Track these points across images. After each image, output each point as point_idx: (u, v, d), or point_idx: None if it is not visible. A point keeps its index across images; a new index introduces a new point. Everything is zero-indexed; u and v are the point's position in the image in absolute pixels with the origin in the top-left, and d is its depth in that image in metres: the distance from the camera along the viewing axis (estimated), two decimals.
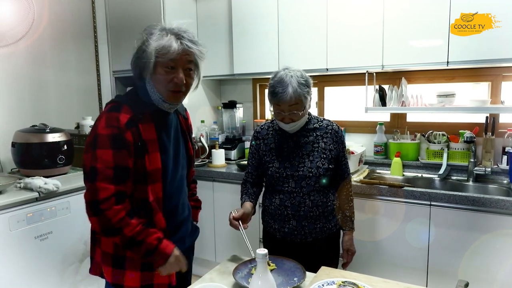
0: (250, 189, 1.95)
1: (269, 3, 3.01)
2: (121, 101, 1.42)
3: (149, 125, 1.42)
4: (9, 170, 2.81)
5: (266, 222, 1.95)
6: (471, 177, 2.65)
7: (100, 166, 1.30)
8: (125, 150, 1.34)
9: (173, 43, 1.36)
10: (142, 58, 1.38)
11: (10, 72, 2.90)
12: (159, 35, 1.37)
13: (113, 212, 1.30)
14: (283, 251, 1.80)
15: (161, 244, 1.38)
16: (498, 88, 2.70)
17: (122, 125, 1.33)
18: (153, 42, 1.35)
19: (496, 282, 2.17)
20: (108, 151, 1.31)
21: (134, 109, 1.39)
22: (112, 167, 1.31)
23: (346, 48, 2.75)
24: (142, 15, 3.27)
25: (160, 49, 1.35)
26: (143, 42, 1.38)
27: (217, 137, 3.53)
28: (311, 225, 1.83)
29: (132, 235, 1.33)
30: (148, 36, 1.37)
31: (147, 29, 1.41)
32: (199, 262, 3.18)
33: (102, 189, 1.30)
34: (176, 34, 1.38)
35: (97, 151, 1.32)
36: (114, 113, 1.36)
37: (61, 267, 2.44)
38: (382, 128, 3.03)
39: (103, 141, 1.32)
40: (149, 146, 1.40)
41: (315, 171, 1.80)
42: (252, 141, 1.98)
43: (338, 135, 1.88)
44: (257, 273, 1.17)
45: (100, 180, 1.30)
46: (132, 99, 1.44)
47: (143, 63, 1.38)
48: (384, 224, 2.45)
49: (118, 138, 1.33)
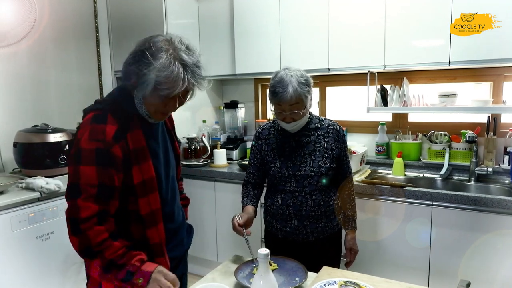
0: (251, 191, 1.95)
1: (270, 3, 3.00)
2: (104, 109, 1.30)
3: (137, 132, 1.33)
4: (11, 170, 2.81)
5: (268, 222, 1.95)
6: (473, 177, 2.64)
7: (82, 183, 1.21)
8: (111, 168, 1.25)
9: (179, 82, 1.23)
10: (139, 77, 1.24)
11: (12, 72, 2.90)
12: (166, 60, 1.22)
13: (94, 233, 1.22)
14: (285, 251, 1.80)
15: (143, 265, 1.27)
16: (500, 88, 2.70)
17: (110, 139, 1.24)
18: (157, 70, 1.21)
19: (498, 282, 2.16)
20: (91, 168, 1.22)
21: (120, 118, 1.29)
22: (96, 185, 1.22)
23: (348, 48, 2.74)
24: (143, 15, 3.27)
25: (164, 81, 1.23)
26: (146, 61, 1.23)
27: (219, 137, 3.53)
28: (313, 225, 1.83)
29: (113, 258, 1.24)
30: (153, 57, 1.22)
31: (152, 43, 1.25)
32: (201, 262, 3.18)
33: (84, 207, 1.21)
34: (184, 66, 1.24)
35: (80, 167, 1.22)
36: (99, 125, 1.25)
37: (63, 267, 2.44)
38: (384, 128, 3.02)
39: (87, 157, 1.22)
40: (139, 155, 1.32)
41: (317, 171, 1.80)
42: (254, 142, 1.98)
43: (339, 134, 1.89)
44: (258, 273, 1.17)
45: (82, 199, 1.21)
46: (115, 106, 1.32)
47: (140, 83, 1.25)
48: (385, 224, 2.44)
49: (104, 154, 1.23)
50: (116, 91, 1.40)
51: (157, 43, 1.25)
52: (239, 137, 3.55)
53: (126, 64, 1.30)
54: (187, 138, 3.29)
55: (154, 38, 1.28)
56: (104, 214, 1.25)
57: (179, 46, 1.27)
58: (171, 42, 1.27)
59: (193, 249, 1.63)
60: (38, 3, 2.91)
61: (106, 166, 1.24)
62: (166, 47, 1.25)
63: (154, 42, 1.26)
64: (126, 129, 1.30)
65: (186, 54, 1.26)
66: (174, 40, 1.28)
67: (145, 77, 1.23)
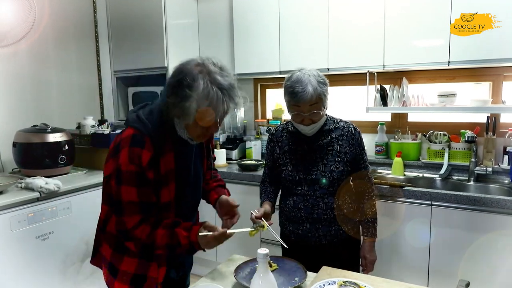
0: (268, 188, 1.94)
1: (270, 3, 3.00)
2: (143, 132, 1.32)
3: (169, 155, 1.38)
4: (10, 170, 2.81)
5: (282, 224, 1.94)
6: (472, 177, 2.64)
7: (125, 201, 1.31)
8: (148, 188, 1.33)
9: (219, 107, 1.26)
10: (181, 108, 1.27)
11: (11, 72, 2.90)
12: (204, 89, 1.24)
13: (139, 232, 1.33)
14: (298, 253, 1.77)
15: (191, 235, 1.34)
16: (499, 88, 2.70)
17: (144, 164, 1.30)
18: (197, 100, 1.24)
19: (497, 282, 2.17)
20: (132, 189, 1.31)
21: (155, 143, 1.33)
22: (137, 203, 1.32)
23: (347, 48, 2.75)
24: (143, 15, 3.27)
25: (205, 112, 1.26)
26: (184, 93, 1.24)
27: (218, 137, 3.53)
28: (325, 228, 1.80)
29: (166, 242, 1.33)
30: (190, 88, 1.24)
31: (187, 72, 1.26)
32: (200, 262, 3.18)
33: (129, 220, 1.32)
34: (221, 90, 1.26)
35: (121, 188, 1.31)
36: (136, 149, 1.30)
37: (62, 267, 2.44)
38: (383, 128, 3.02)
39: (127, 178, 1.30)
40: (169, 177, 1.38)
41: (329, 175, 1.77)
42: (267, 143, 1.97)
43: (354, 137, 1.84)
44: (258, 273, 1.17)
45: (126, 214, 1.32)
46: (156, 129, 1.34)
47: (181, 112, 1.28)
48: (385, 224, 2.44)
49: (141, 176, 1.31)
50: (157, 115, 1.37)
51: (192, 71, 1.26)
52: (239, 137, 3.55)
53: (166, 96, 1.32)
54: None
55: (187, 65, 1.29)
56: (146, 218, 1.35)
57: (213, 69, 1.27)
58: (204, 66, 1.28)
59: None
60: (38, 3, 2.91)
61: (144, 186, 1.32)
62: (201, 73, 1.26)
63: (189, 70, 1.27)
64: (160, 155, 1.35)
65: (221, 76, 1.27)
66: (207, 64, 1.29)
67: (187, 109, 1.26)
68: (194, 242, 1.34)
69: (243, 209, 3.26)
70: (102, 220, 1.50)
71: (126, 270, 1.44)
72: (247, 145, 3.39)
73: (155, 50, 3.31)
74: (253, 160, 3.24)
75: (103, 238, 1.50)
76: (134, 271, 1.44)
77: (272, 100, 3.69)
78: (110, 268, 1.48)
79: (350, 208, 1.86)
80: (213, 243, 1.36)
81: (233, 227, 1.52)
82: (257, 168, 3.05)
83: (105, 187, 1.41)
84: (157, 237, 1.33)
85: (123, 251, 1.44)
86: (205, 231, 1.34)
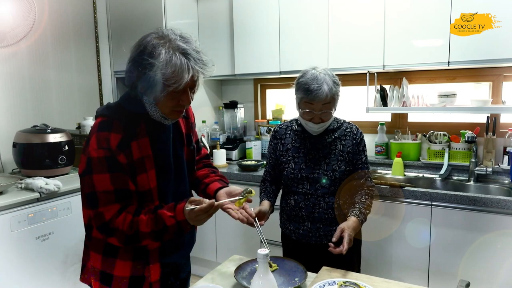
0: (269, 187, 1.93)
1: (270, 4, 3.01)
2: (110, 116, 1.29)
3: (143, 140, 1.31)
4: (10, 170, 2.81)
5: (283, 223, 1.94)
6: (472, 177, 2.64)
7: (100, 191, 1.23)
8: (122, 174, 1.25)
9: (185, 72, 1.21)
10: (146, 80, 1.23)
11: (11, 72, 2.90)
12: (167, 55, 1.20)
13: (121, 222, 1.24)
14: (299, 253, 1.77)
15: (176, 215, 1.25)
16: (499, 88, 2.70)
17: (114, 147, 1.23)
18: (162, 67, 1.20)
19: (497, 282, 2.16)
20: (105, 176, 1.23)
21: (125, 125, 1.28)
22: (112, 191, 1.24)
23: (347, 48, 2.75)
24: (143, 15, 3.27)
25: (171, 76, 1.21)
26: (147, 63, 1.21)
27: (218, 137, 3.53)
28: (326, 228, 1.81)
29: (151, 229, 1.24)
30: (152, 56, 1.20)
31: (146, 43, 1.24)
32: (201, 262, 3.18)
33: (106, 211, 1.24)
34: (185, 55, 1.22)
35: (93, 177, 1.23)
36: (103, 133, 1.25)
37: (63, 268, 2.44)
38: (383, 128, 3.02)
39: (97, 165, 1.23)
40: (146, 164, 1.30)
41: (331, 174, 1.78)
42: (270, 140, 1.97)
43: (356, 137, 1.85)
44: (258, 273, 1.17)
45: (102, 205, 1.24)
46: (123, 112, 1.31)
47: (148, 86, 1.24)
48: (385, 224, 2.44)
49: (112, 161, 1.24)
50: (123, 98, 1.36)
51: (151, 41, 1.23)
52: (239, 137, 3.55)
53: (129, 72, 1.29)
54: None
55: (146, 38, 1.27)
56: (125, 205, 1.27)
57: (173, 37, 1.25)
58: (164, 36, 1.25)
59: (193, 249, 1.63)
60: (38, 3, 2.91)
61: (117, 171, 1.24)
62: (162, 42, 1.23)
63: (148, 41, 1.24)
64: (131, 138, 1.28)
65: (183, 43, 1.24)
66: (167, 34, 1.26)
67: (151, 79, 1.21)
68: (181, 221, 1.24)
69: None
70: (85, 226, 1.37)
71: (121, 275, 1.36)
72: (247, 146, 3.39)
73: None
74: (253, 160, 3.24)
75: (90, 246, 1.40)
76: (130, 273, 1.36)
77: (272, 101, 3.69)
78: (102, 277, 1.37)
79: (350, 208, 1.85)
80: (202, 217, 1.25)
81: None
82: (257, 168, 3.05)
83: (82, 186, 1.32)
84: (140, 225, 1.24)
85: (114, 254, 1.35)
86: (191, 206, 1.24)
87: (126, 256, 1.36)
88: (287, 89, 3.48)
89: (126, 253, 1.35)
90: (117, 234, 1.25)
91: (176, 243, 1.48)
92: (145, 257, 1.37)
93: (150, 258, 1.37)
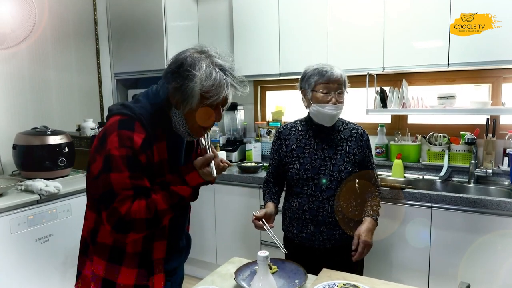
0: (272, 189, 1.93)
1: (270, 6, 3.01)
2: (132, 116, 1.26)
3: (162, 144, 1.30)
4: (10, 172, 2.82)
5: (286, 226, 1.92)
6: (472, 179, 2.64)
7: (116, 188, 1.19)
8: (140, 173, 1.23)
9: (223, 87, 1.24)
10: (184, 91, 1.23)
11: (11, 73, 2.90)
12: (207, 68, 1.22)
13: (137, 211, 1.21)
14: (301, 257, 1.76)
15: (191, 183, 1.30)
16: (499, 89, 2.70)
17: (137, 147, 1.21)
18: (202, 80, 1.21)
19: (498, 284, 2.16)
20: (124, 174, 1.19)
21: (147, 127, 1.25)
22: (130, 188, 1.20)
23: (347, 50, 2.75)
24: (143, 17, 3.28)
25: (209, 89, 1.22)
26: (187, 74, 1.21)
27: (218, 139, 3.53)
28: (329, 231, 1.79)
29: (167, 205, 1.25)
30: (193, 68, 1.21)
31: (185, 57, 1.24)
32: (200, 264, 3.18)
33: (121, 205, 1.19)
34: (223, 71, 1.25)
35: (111, 175, 1.19)
36: (126, 132, 1.21)
37: (62, 270, 2.44)
38: (383, 129, 3.03)
39: (118, 164, 1.19)
40: (162, 168, 1.31)
41: (337, 175, 1.77)
42: (273, 141, 1.96)
43: (363, 139, 1.86)
44: (258, 276, 1.17)
45: (118, 201, 1.19)
46: (144, 114, 1.27)
47: (185, 98, 1.23)
48: (385, 226, 2.44)
49: (134, 160, 1.21)
50: (149, 105, 1.31)
51: (192, 56, 1.25)
52: (239, 139, 3.55)
53: (165, 84, 1.28)
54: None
55: (185, 53, 1.27)
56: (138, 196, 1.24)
57: (213, 54, 1.27)
58: (203, 51, 1.27)
59: (193, 251, 1.63)
60: (38, 5, 2.92)
61: (137, 171, 1.22)
62: (203, 56, 1.25)
63: (187, 56, 1.25)
64: (153, 140, 1.27)
65: (221, 59, 1.27)
66: (206, 50, 1.28)
67: (190, 90, 1.22)
68: (197, 185, 1.31)
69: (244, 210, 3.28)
70: (90, 230, 1.34)
71: (125, 283, 1.32)
72: (247, 147, 3.39)
73: (155, 52, 3.32)
74: (253, 162, 3.24)
75: (93, 251, 1.34)
76: (134, 282, 1.33)
77: (272, 102, 3.69)
78: (104, 285, 1.33)
79: (355, 211, 1.84)
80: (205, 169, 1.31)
81: None
82: (257, 170, 3.05)
83: (91, 188, 1.31)
84: (158, 204, 1.23)
85: (119, 261, 1.32)
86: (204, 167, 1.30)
87: (131, 263, 1.33)
88: (287, 91, 3.48)
89: (132, 260, 1.33)
90: (136, 224, 1.21)
91: (177, 250, 1.49)
92: (151, 265, 1.35)
93: (155, 268, 1.35)
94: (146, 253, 1.34)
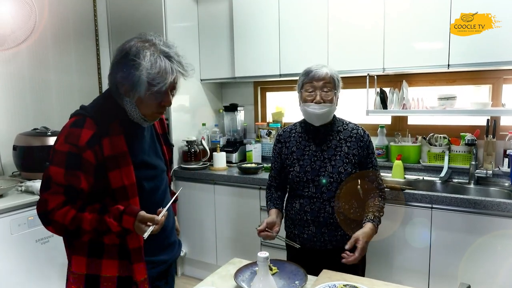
0: (274, 194, 1.94)
1: (270, 7, 3.01)
2: (85, 114, 1.33)
3: (118, 138, 1.33)
4: (10, 173, 2.82)
5: (287, 228, 1.92)
6: (473, 180, 2.64)
7: (52, 180, 1.28)
8: (80, 172, 1.28)
9: (169, 73, 1.29)
10: (131, 80, 1.28)
11: (12, 74, 2.90)
12: (152, 56, 1.27)
13: (61, 216, 1.26)
14: (303, 258, 1.76)
15: (123, 222, 1.28)
16: (499, 90, 2.70)
17: (83, 143, 1.27)
18: (147, 68, 1.26)
19: (498, 285, 2.16)
20: (60, 170, 1.27)
21: (99, 123, 1.31)
22: (63, 185, 1.27)
23: (347, 51, 2.75)
24: (143, 18, 3.27)
25: (156, 76, 1.27)
26: (133, 63, 1.27)
27: (218, 140, 3.53)
28: (331, 233, 1.79)
29: (94, 227, 1.27)
30: (138, 57, 1.27)
31: (130, 47, 1.30)
32: (200, 265, 3.18)
33: (51, 200, 1.27)
34: (168, 58, 1.31)
35: (50, 167, 1.28)
36: (76, 129, 1.29)
37: (62, 270, 2.42)
38: (383, 130, 3.03)
39: (58, 158, 1.28)
40: (120, 160, 1.32)
41: (337, 177, 1.77)
42: (274, 144, 1.97)
43: (363, 139, 1.84)
44: (258, 276, 1.17)
45: (50, 193, 1.28)
46: (99, 111, 1.35)
47: (133, 86, 1.29)
48: (385, 227, 2.43)
49: (75, 157, 1.27)
50: (101, 98, 1.42)
51: (136, 45, 1.30)
52: (239, 140, 3.55)
53: (112, 74, 1.35)
54: (187, 141, 3.29)
55: (129, 42, 1.34)
56: (71, 201, 1.29)
57: (157, 42, 1.33)
58: (147, 40, 1.33)
59: (192, 252, 1.63)
60: (38, 6, 2.92)
61: (74, 169, 1.27)
62: (147, 45, 1.30)
63: (132, 45, 1.31)
64: (103, 135, 1.31)
65: (165, 47, 1.33)
66: (150, 38, 1.34)
67: (137, 79, 1.27)
68: (128, 228, 1.28)
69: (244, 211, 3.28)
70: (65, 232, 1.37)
71: (109, 274, 1.36)
72: (247, 148, 3.39)
73: None
74: (253, 163, 3.24)
75: (73, 250, 1.39)
76: (117, 273, 1.36)
77: (272, 103, 3.70)
78: (88, 282, 1.36)
79: (356, 212, 1.84)
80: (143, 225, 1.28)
81: None
82: (257, 171, 3.05)
83: None
84: (83, 222, 1.26)
85: (99, 254, 1.36)
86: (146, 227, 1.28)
87: (111, 255, 1.37)
88: (287, 91, 3.49)
89: (111, 252, 1.37)
90: (56, 225, 1.29)
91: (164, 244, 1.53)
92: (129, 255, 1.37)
93: (132, 257, 1.37)
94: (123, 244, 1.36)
